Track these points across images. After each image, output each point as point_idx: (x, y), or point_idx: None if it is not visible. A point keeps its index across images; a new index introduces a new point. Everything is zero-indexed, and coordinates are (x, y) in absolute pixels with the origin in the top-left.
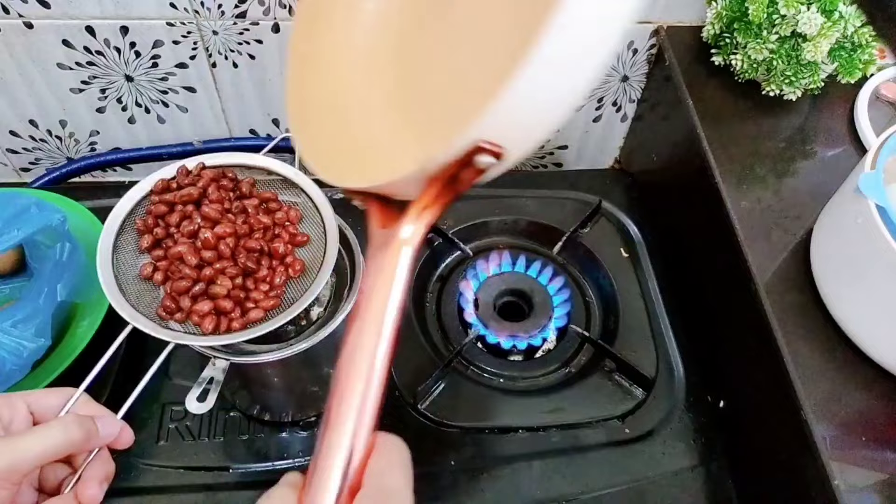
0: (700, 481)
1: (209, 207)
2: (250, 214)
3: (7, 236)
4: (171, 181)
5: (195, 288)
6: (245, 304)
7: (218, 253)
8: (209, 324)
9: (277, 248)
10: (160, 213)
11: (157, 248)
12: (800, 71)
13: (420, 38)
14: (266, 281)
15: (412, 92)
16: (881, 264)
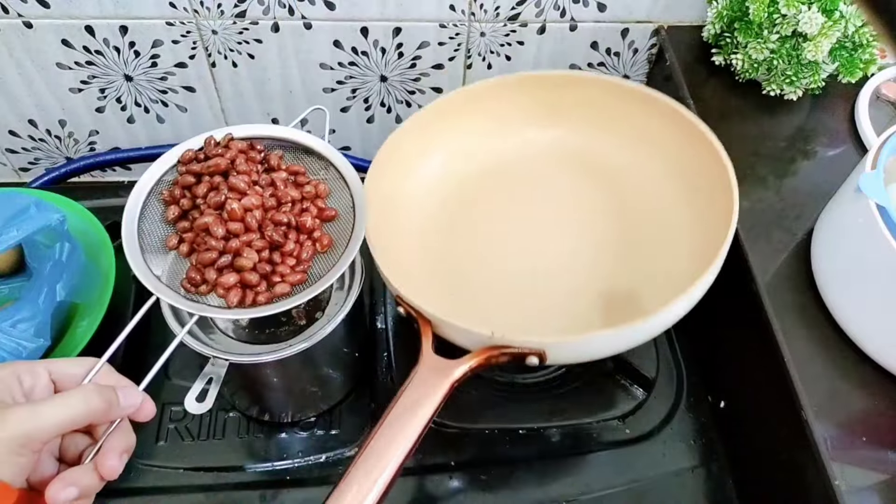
0: (700, 482)
1: (237, 178)
2: (278, 187)
3: (6, 236)
4: (199, 152)
5: (221, 260)
6: (271, 278)
7: (245, 225)
8: (234, 296)
9: (305, 222)
10: (187, 183)
11: (183, 220)
12: (800, 70)
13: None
14: (293, 255)
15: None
16: (882, 264)
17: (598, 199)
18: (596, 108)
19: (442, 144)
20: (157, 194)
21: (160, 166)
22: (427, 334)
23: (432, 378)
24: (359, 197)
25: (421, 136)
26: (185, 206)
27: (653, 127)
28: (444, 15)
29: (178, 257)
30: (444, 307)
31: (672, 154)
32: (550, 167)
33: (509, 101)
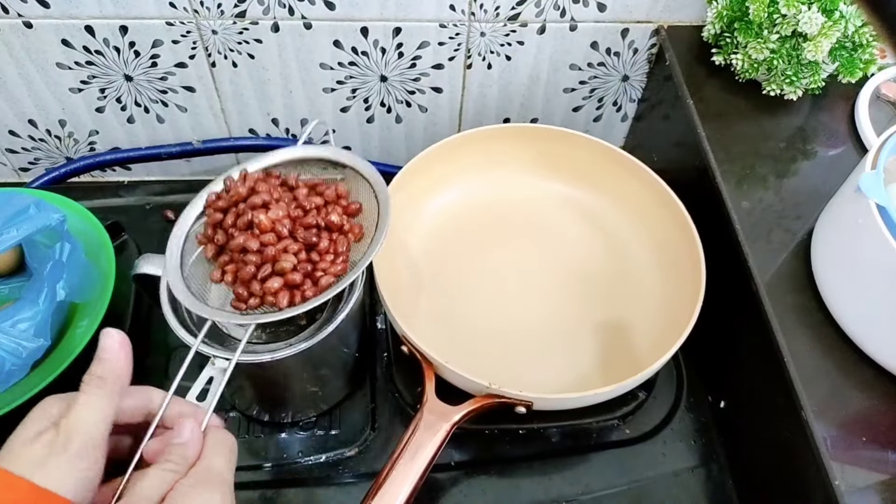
0: (700, 482)
1: (258, 197)
2: (301, 199)
3: (6, 236)
4: (221, 193)
5: (261, 271)
6: (314, 275)
7: (276, 234)
8: (284, 298)
9: (333, 220)
10: (216, 220)
11: (222, 255)
12: (800, 70)
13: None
14: (330, 251)
15: (503, 322)
16: (882, 264)
17: (591, 248)
18: (587, 165)
19: (443, 187)
20: (193, 240)
21: (190, 215)
22: (430, 378)
23: (435, 422)
24: (376, 183)
25: (423, 178)
26: (220, 241)
27: (632, 190)
28: (444, 15)
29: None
30: (445, 350)
31: (649, 221)
32: (546, 215)
33: (508, 148)
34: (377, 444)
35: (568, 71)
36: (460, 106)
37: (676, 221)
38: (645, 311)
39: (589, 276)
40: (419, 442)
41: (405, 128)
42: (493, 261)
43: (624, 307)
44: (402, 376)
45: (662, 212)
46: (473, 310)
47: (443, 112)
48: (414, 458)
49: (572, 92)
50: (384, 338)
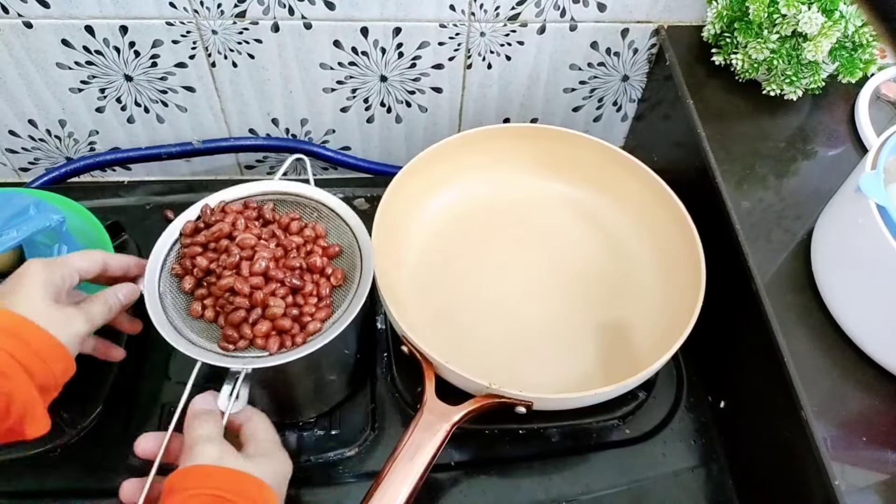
0: (700, 482)
1: (244, 236)
2: (280, 237)
3: (6, 237)
4: (198, 222)
5: (252, 315)
6: (301, 320)
7: (265, 277)
8: (274, 344)
9: (315, 263)
10: (194, 254)
11: (199, 288)
12: (800, 70)
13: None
14: (314, 294)
15: (505, 324)
16: (882, 264)
17: (591, 248)
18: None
19: (443, 187)
20: (168, 270)
21: (165, 242)
22: (430, 378)
23: (435, 422)
24: (358, 228)
25: (423, 178)
26: (199, 275)
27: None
28: (444, 15)
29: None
30: (445, 350)
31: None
32: (546, 215)
33: (508, 148)
34: (377, 444)
35: (568, 71)
36: (460, 106)
37: (676, 221)
38: (645, 310)
39: (589, 275)
40: (419, 442)
41: (405, 128)
42: (492, 261)
43: (624, 307)
44: (402, 376)
45: (662, 212)
46: (473, 310)
47: (443, 112)
48: (414, 458)
49: (572, 92)
50: (384, 338)
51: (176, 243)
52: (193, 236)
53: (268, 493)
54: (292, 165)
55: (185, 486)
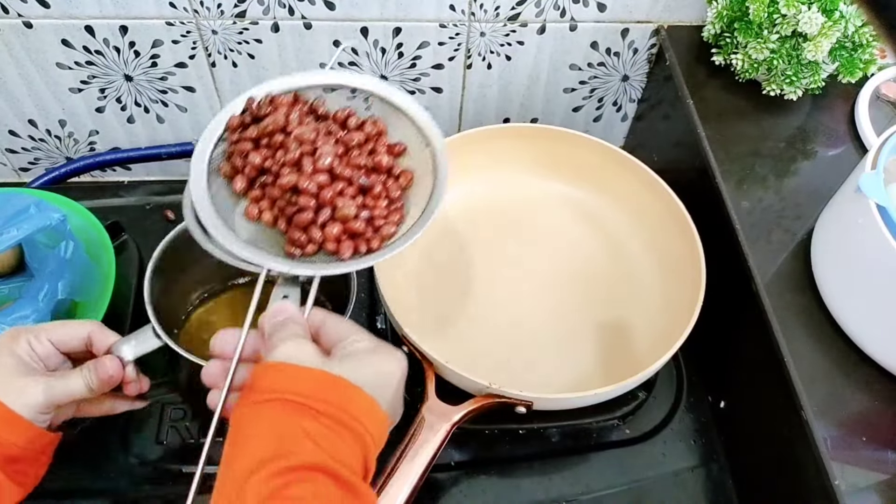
0: (700, 482)
1: (301, 129)
2: (338, 134)
3: (6, 236)
4: (244, 116)
5: (320, 216)
6: (374, 223)
7: (331, 175)
8: (346, 248)
9: (381, 162)
10: (244, 150)
11: (252, 189)
12: (800, 70)
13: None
14: (384, 196)
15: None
16: (882, 264)
17: (591, 248)
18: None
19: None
20: (213, 171)
21: (207, 141)
22: (431, 378)
23: (436, 422)
24: (424, 121)
25: None
26: (251, 174)
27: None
28: (443, 15)
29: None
30: (446, 350)
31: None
32: (546, 215)
33: (508, 148)
34: None
35: (568, 71)
36: (460, 106)
37: (677, 221)
38: (645, 310)
39: (589, 275)
40: (419, 442)
41: None
42: (493, 261)
43: (624, 307)
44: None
45: (662, 212)
46: (473, 309)
47: (443, 112)
48: (414, 458)
49: (572, 92)
50: (384, 338)
51: (220, 141)
52: (242, 131)
53: (360, 398)
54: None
55: (263, 387)
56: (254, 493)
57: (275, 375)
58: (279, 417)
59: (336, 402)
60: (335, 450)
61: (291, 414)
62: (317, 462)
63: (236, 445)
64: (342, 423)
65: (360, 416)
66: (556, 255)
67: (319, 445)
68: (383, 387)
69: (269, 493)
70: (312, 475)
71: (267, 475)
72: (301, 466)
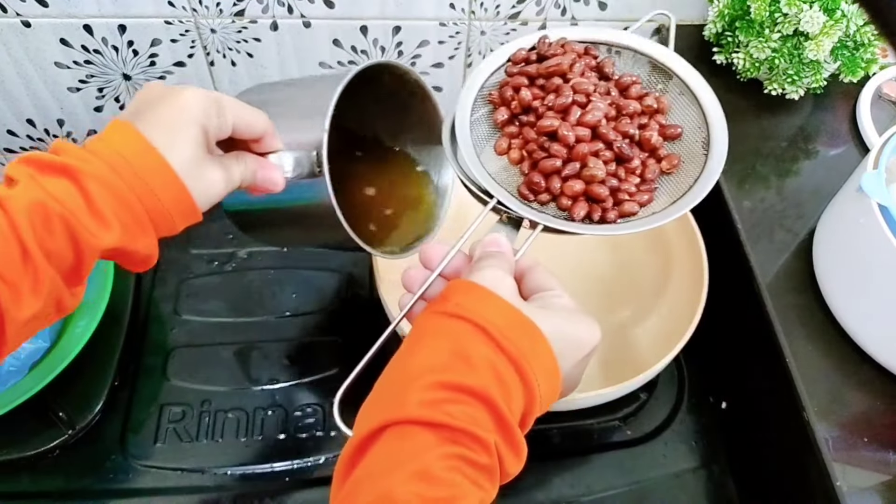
0: (702, 483)
1: (580, 80)
2: (616, 97)
3: None
4: (530, 52)
5: (567, 168)
6: (618, 195)
7: (594, 132)
8: (581, 209)
9: (650, 138)
10: (519, 85)
11: (511, 124)
12: (802, 70)
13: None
14: (637, 173)
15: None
16: (884, 264)
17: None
18: None
19: None
20: (482, 96)
21: (489, 66)
22: None
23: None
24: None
25: None
26: (516, 109)
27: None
28: (443, 13)
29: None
30: None
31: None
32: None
33: None
34: None
35: None
36: None
37: (678, 221)
38: (647, 311)
39: (590, 276)
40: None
41: None
42: None
43: (625, 307)
44: None
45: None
46: None
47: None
48: None
49: None
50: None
51: (499, 70)
52: (524, 66)
53: (544, 350)
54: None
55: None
56: (416, 396)
57: (470, 294)
58: (462, 335)
59: (518, 344)
60: (505, 388)
61: (474, 336)
62: (486, 390)
63: (414, 346)
64: (519, 367)
65: (538, 369)
66: (557, 257)
67: (491, 376)
68: (570, 350)
69: (430, 400)
70: (474, 400)
71: (433, 383)
72: (467, 388)
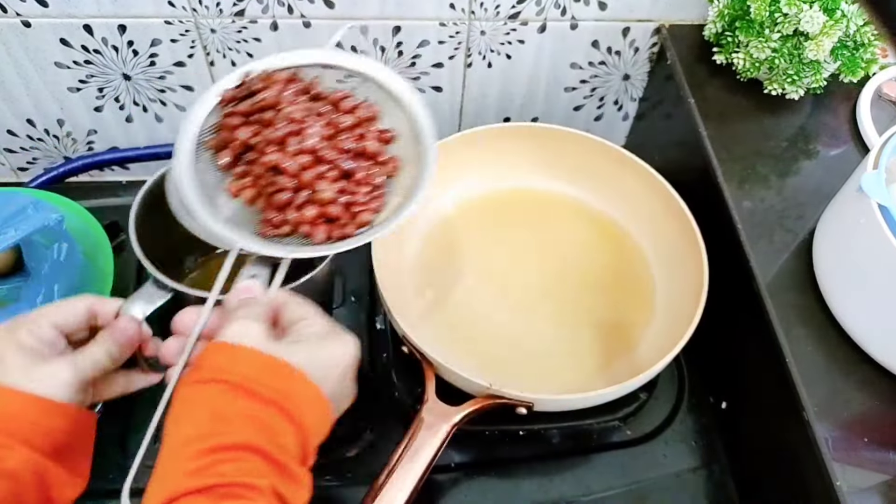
0: (702, 483)
1: (291, 108)
2: (330, 116)
3: (3, 237)
4: (238, 89)
5: (298, 197)
6: (351, 209)
7: (315, 156)
8: (321, 232)
9: (368, 148)
10: (234, 125)
11: (237, 165)
12: (802, 70)
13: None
14: (365, 182)
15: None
16: (883, 264)
17: (593, 248)
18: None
19: (444, 187)
20: (201, 144)
21: (200, 112)
22: (431, 378)
23: (436, 422)
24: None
25: None
26: (238, 150)
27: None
28: (443, 13)
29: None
30: (446, 350)
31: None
32: (547, 214)
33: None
34: (377, 445)
35: (569, 70)
36: (460, 105)
37: (678, 221)
38: (647, 311)
39: (590, 276)
40: (419, 442)
41: None
42: (493, 261)
43: (625, 307)
44: (403, 376)
45: (664, 211)
46: (474, 310)
47: (443, 111)
48: (414, 459)
49: (573, 91)
50: (384, 338)
51: (212, 114)
52: (234, 105)
53: (301, 384)
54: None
55: (206, 366)
56: (183, 469)
57: (218, 355)
58: (217, 397)
59: (275, 386)
60: (270, 431)
61: (229, 394)
62: (248, 441)
63: (177, 420)
64: (279, 407)
65: (299, 402)
66: (557, 256)
67: (253, 426)
68: (328, 371)
69: (197, 469)
70: (243, 454)
71: (197, 452)
72: (232, 445)
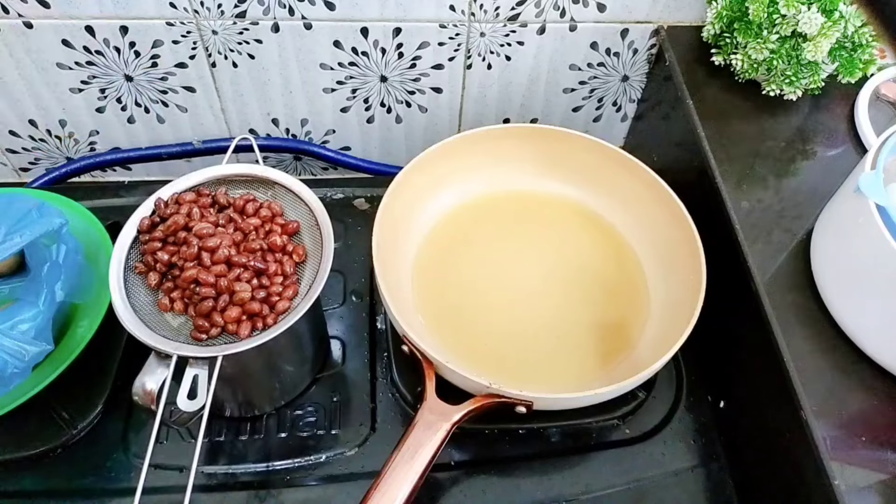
0: (700, 482)
1: (200, 225)
2: (238, 221)
3: (9, 243)
4: (153, 217)
5: (220, 302)
6: (270, 300)
7: (228, 264)
8: (245, 329)
9: (275, 242)
10: (154, 249)
11: (165, 281)
12: (800, 71)
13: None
14: (279, 273)
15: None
16: (881, 264)
17: (591, 248)
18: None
19: (443, 188)
20: (131, 269)
21: (123, 243)
22: (430, 378)
23: (435, 421)
24: (313, 201)
25: (423, 179)
26: (161, 270)
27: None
28: (443, 15)
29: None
30: (446, 349)
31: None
32: (546, 215)
33: (508, 149)
34: (377, 444)
35: (568, 71)
36: (460, 106)
37: (676, 221)
38: (645, 310)
39: (589, 275)
40: (419, 442)
41: (405, 128)
42: (493, 261)
43: (624, 307)
44: (402, 376)
45: (662, 212)
46: (473, 309)
47: (443, 112)
48: (414, 458)
49: (572, 92)
50: (384, 338)
51: (136, 241)
52: (151, 232)
53: None
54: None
55: None
56: None
57: None
58: None
59: None
60: None
61: None
62: None
63: None
64: None
65: None
66: (556, 256)
67: None
68: None
69: None
70: None
71: None
72: None
